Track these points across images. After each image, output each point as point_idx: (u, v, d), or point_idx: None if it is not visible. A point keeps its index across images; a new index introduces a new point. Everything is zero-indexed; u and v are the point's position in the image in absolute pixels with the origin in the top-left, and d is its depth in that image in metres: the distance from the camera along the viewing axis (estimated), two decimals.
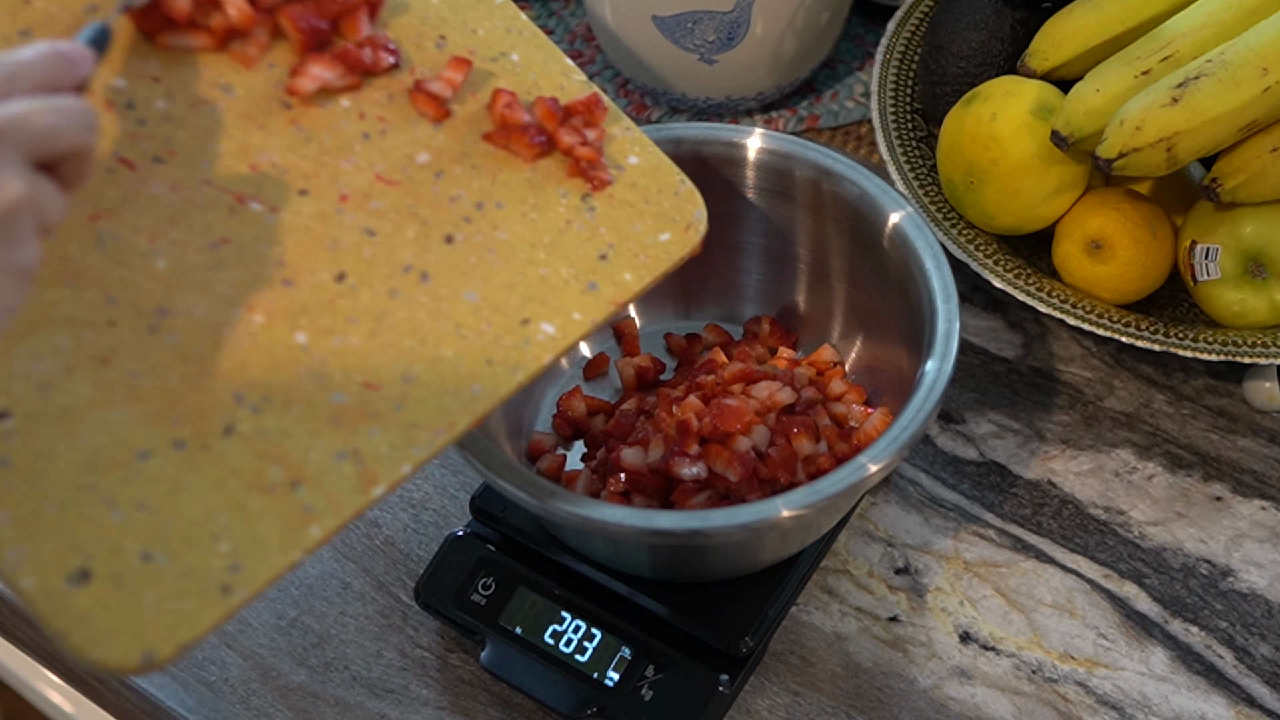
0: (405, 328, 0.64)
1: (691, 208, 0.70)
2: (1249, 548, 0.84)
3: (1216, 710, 0.77)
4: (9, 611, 0.86)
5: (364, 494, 0.59)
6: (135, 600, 0.55)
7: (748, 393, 0.78)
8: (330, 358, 0.62)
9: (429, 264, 0.65)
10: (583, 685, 0.75)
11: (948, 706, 0.78)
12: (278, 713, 0.79)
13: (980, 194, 0.90)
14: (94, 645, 0.54)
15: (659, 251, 0.69)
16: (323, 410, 0.61)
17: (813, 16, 1.00)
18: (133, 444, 0.58)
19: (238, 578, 0.56)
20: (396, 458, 0.60)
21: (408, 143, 0.68)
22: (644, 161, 0.71)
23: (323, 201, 0.65)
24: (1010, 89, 0.90)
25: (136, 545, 0.56)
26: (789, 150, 0.82)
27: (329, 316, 0.63)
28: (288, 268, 0.63)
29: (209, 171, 0.64)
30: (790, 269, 0.86)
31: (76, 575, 0.55)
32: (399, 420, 0.61)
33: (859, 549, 0.84)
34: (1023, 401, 0.90)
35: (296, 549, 0.58)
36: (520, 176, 0.68)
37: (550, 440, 0.83)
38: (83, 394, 0.58)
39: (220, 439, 0.59)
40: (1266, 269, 0.86)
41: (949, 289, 0.75)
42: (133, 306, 0.61)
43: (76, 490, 0.57)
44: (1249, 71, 0.82)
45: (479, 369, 0.63)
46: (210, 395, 0.60)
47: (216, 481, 0.58)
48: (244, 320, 0.62)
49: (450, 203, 0.67)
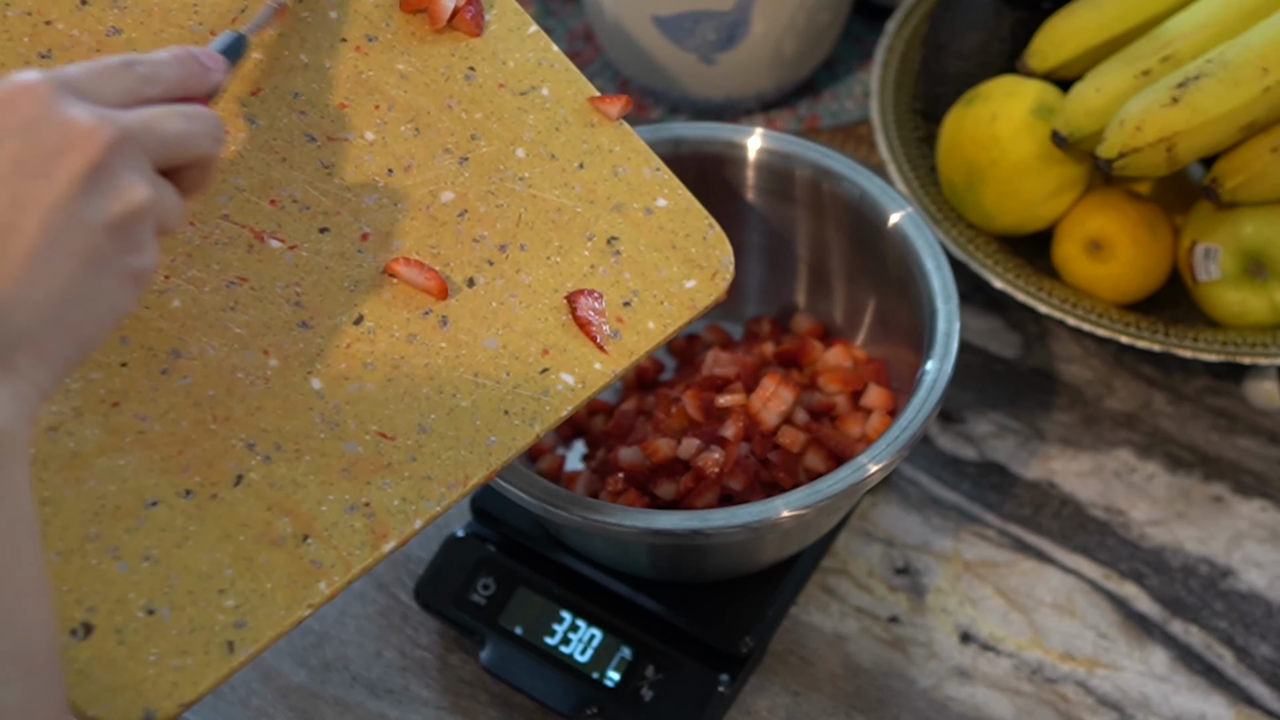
0: (422, 375, 0.62)
1: (719, 254, 0.68)
2: (1249, 548, 0.84)
3: (1216, 710, 0.77)
4: None
5: (374, 549, 0.58)
6: (138, 656, 0.54)
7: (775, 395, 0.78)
8: (345, 405, 0.61)
9: (449, 308, 0.64)
10: (583, 685, 0.75)
11: (948, 706, 0.78)
12: (278, 713, 0.79)
13: (980, 194, 0.90)
14: (94, 703, 0.53)
15: (684, 299, 0.66)
16: (335, 461, 0.60)
17: (813, 17, 1.00)
18: (141, 492, 0.57)
19: (242, 634, 0.56)
20: (409, 512, 0.59)
21: (432, 179, 0.66)
22: (672, 204, 0.68)
23: (343, 240, 0.64)
24: (1010, 89, 0.90)
25: (141, 598, 0.55)
26: (789, 150, 0.82)
27: (345, 362, 0.62)
28: (305, 310, 0.62)
29: (228, 206, 0.63)
30: (790, 269, 0.86)
31: (79, 629, 0.54)
32: (412, 472, 0.60)
33: (859, 549, 0.84)
34: (1023, 401, 0.90)
35: (303, 606, 0.57)
36: (545, 217, 0.67)
37: (550, 440, 0.83)
38: (91, 438, 0.58)
39: (230, 489, 0.58)
40: (1266, 269, 0.86)
41: (949, 289, 0.75)
42: (145, 347, 0.60)
43: (82, 540, 0.56)
44: (1249, 71, 0.82)
45: (496, 420, 0.62)
46: (222, 442, 0.59)
47: (225, 533, 0.57)
48: (258, 364, 0.61)
49: (474, 244, 0.65)
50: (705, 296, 0.67)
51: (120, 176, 0.50)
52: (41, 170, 0.49)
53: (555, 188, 0.67)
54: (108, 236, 0.50)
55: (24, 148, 0.49)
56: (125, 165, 0.51)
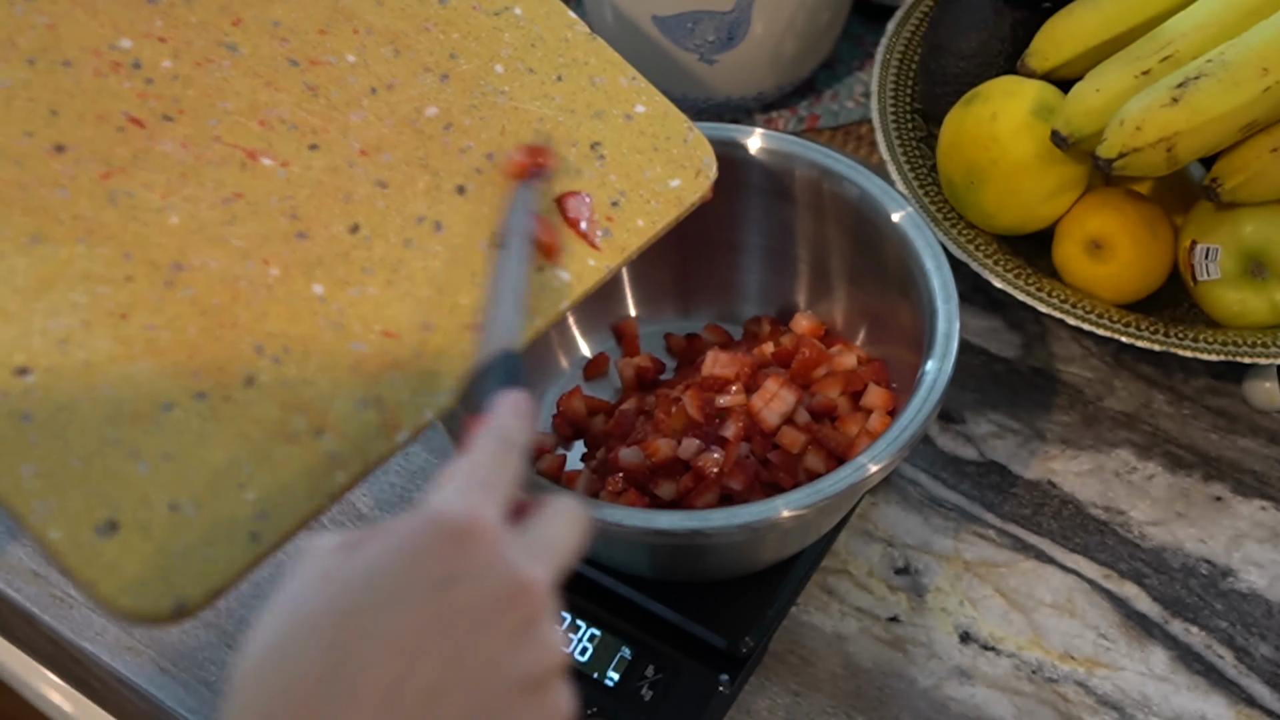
0: (421, 277, 0.64)
1: (701, 154, 0.71)
2: (1249, 548, 0.84)
3: (1216, 710, 0.77)
4: (9, 611, 0.86)
5: (388, 440, 0.60)
6: (164, 549, 0.56)
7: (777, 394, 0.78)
8: (348, 308, 0.63)
9: (442, 214, 0.66)
10: (582, 685, 0.75)
11: (948, 706, 0.78)
12: None
13: (980, 194, 0.90)
14: (124, 594, 0.55)
15: (670, 197, 0.70)
16: (343, 359, 0.61)
17: (813, 16, 1.00)
18: (155, 397, 0.58)
19: (265, 525, 0.57)
20: (419, 404, 0.61)
21: (416, 96, 0.69)
22: (651, 110, 0.72)
23: (333, 155, 0.66)
24: (1010, 89, 0.90)
25: (163, 496, 0.57)
26: (789, 150, 0.82)
27: (345, 268, 0.64)
28: (301, 221, 0.64)
29: (219, 128, 0.65)
30: (790, 269, 0.86)
31: (104, 526, 0.55)
32: (419, 367, 0.62)
33: (859, 549, 0.84)
34: (1023, 401, 0.90)
35: (323, 495, 0.58)
36: (528, 127, 0.69)
37: (550, 440, 0.83)
38: (102, 349, 0.59)
39: (242, 390, 0.60)
40: (1266, 269, 0.86)
41: (949, 289, 0.75)
42: (148, 262, 0.61)
43: (101, 443, 0.57)
44: (1249, 71, 0.82)
45: None
46: (230, 347, 0.60)
47: (240, 432, 0.59)
48: (260, 273, 0.62)
49: (461, 154, 0.68)
50: (691, 194, 0.70)
51: (546, 633, 0.47)
52: (484, 622, 0.45)
53: (536, 99, 0.70)
54: (520, 692, 0.46)
55: (472, 595, 0.45)
56: (550, 619, 0.47)
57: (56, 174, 0.62)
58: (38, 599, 0.84)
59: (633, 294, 0.89)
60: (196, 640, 0.81)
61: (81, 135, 0.63)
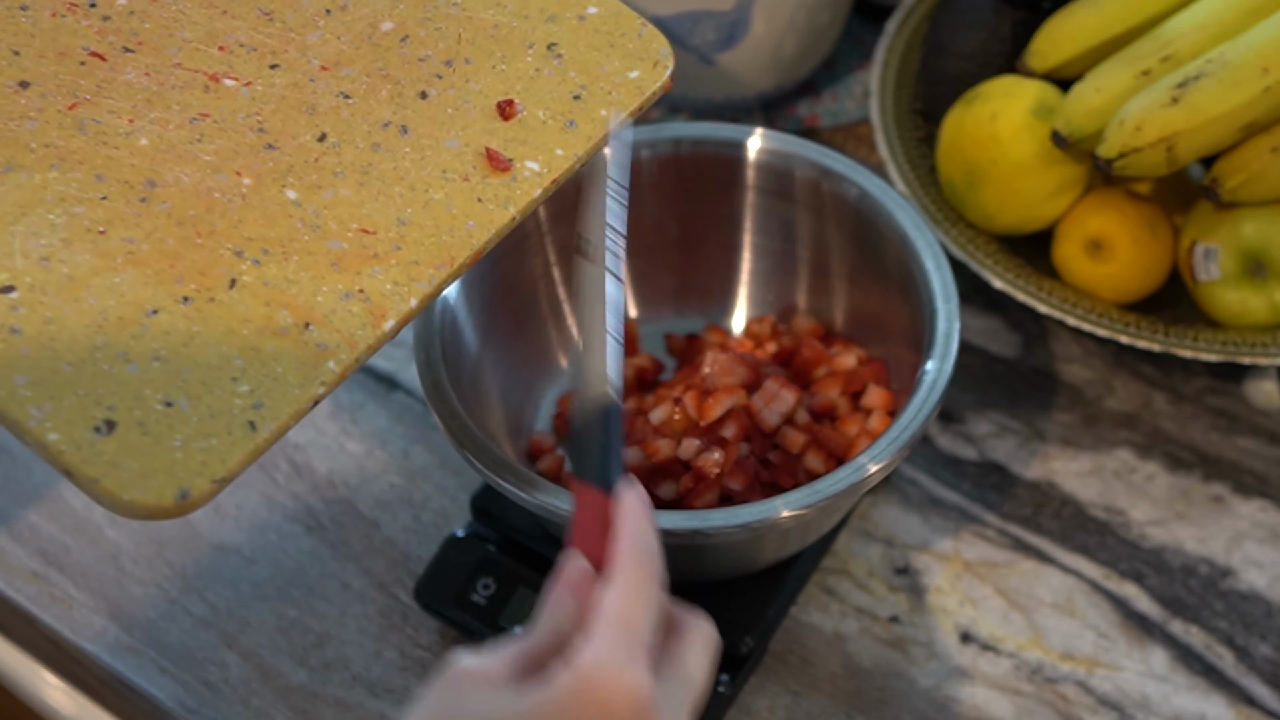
0: (392, 176, 0.66)
1: (656, 46, 0.72)
2: (1249, 548, 0.84)
3: (1216, 710, 0.77)
4: (9, 611, 0.86)
5: (375, 328, 0.61)
6: (163, 444, 0.56)
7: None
8: (323, 209, 0.64)
9: (407, 118, 0.68)
10: None
11: (948, 706, 0.78)
12: (278, 713, 0.79)
13: (980, 194, 0.90)
14: (128, 488, 0.55)
15: (631, 88, 0.70)
16: (323, 257, 0.63)
17: (813, 16, 1.00)
18: (140, 303, 0.60)
19: (262, 414, 0.58)
20: (402, 293, 0.63)
21: (370, 14, 0.70)
22: (603, 10, 0.73)
23: (295, 73, 0.68)
24: (1010, 89, 0.90)
25: (157, 394, 0.58)
26: (789, 150, 0.82)
27: (316, 173, 0.65)
28: (269, 134, 0.66)
29: (179, 56, 0.67)
30: (790, 269, 0.86)
31: (101, 425, 0.56)
32: (399, 259, 0.63)
33: (859, 549, 0.84)
34: (1023, 401, 0.90)
35: (316, 384, 0.59)
36: (484, 34, 0.71)
37: (550, 440, 0.83)
38: (84, 263, 0.60)
39: (226, 291, 0.61)
40: (1266, 269, 0.86)
41: (949, 289, 0.75)
42: (121, 181, 0.63)
43: (90, 349, 0.58)
44: (1249, 71, 0.82)
45: (471, 207, 0.66)
46: (210, 254, 0.62)
47: (228, 329, 0.60)
48: (233, 184, 0.64)
49: (420, 63, 0.69)
50: (650, 83, 0.71)
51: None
52: None
53: (489, 8, 0.72)
54: None
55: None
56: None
57: (23, 108, 0.64)
58: (38, 599, 0.84)
59: (633, 294, 0.89)
60: (196, 640, 0.81)
61: (44, 71, 0.65)
